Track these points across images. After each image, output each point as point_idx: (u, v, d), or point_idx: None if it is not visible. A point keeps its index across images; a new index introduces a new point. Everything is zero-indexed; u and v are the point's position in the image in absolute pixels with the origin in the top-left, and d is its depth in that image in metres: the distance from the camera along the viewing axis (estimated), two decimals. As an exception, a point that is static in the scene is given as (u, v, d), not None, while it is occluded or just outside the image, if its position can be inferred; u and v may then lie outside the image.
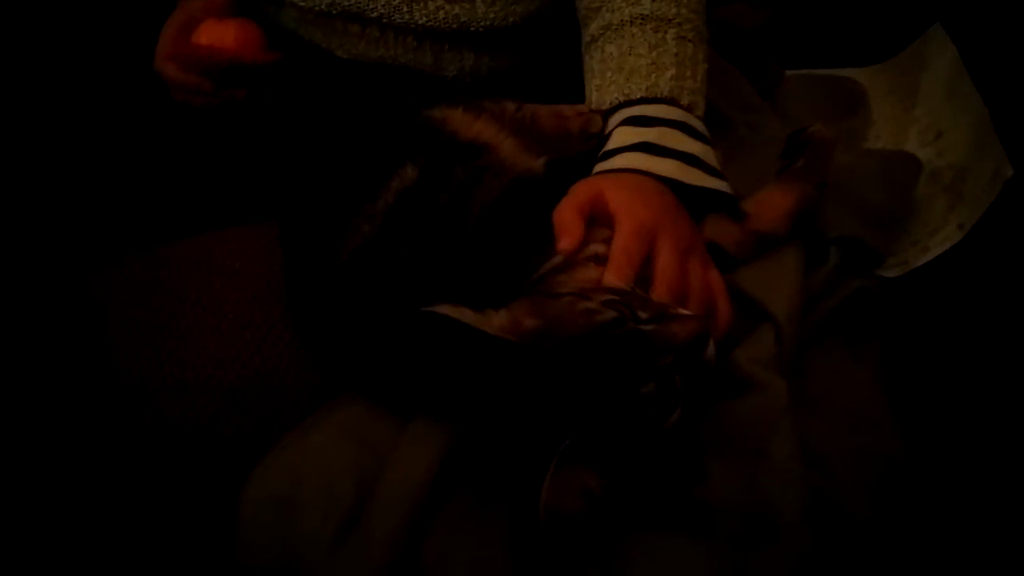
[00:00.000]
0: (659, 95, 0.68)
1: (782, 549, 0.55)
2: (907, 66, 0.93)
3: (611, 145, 0.68)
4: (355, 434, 0.61)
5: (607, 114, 0.71)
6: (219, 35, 0.78)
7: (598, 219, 0.62)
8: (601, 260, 0.60)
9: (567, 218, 0.61)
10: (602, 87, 0.71)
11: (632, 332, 0.53)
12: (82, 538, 0.66)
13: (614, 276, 0.58)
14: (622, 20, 0.71)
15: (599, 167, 0.68)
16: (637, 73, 0.69)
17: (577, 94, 0.75)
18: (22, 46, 0.83)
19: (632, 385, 0.52)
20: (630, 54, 0.70)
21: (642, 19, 0.70)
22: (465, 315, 0.53)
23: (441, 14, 0.76)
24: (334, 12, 0.77)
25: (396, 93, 0.80)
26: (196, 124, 0.80)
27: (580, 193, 0.63)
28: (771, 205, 0.70)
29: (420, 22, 0.76)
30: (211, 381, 0.65)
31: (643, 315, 0.54)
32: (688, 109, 0.69)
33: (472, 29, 0.77)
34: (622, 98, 0.69)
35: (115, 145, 0.80)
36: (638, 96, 0.68)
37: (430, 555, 0.56)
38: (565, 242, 0.60)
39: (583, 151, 0.71)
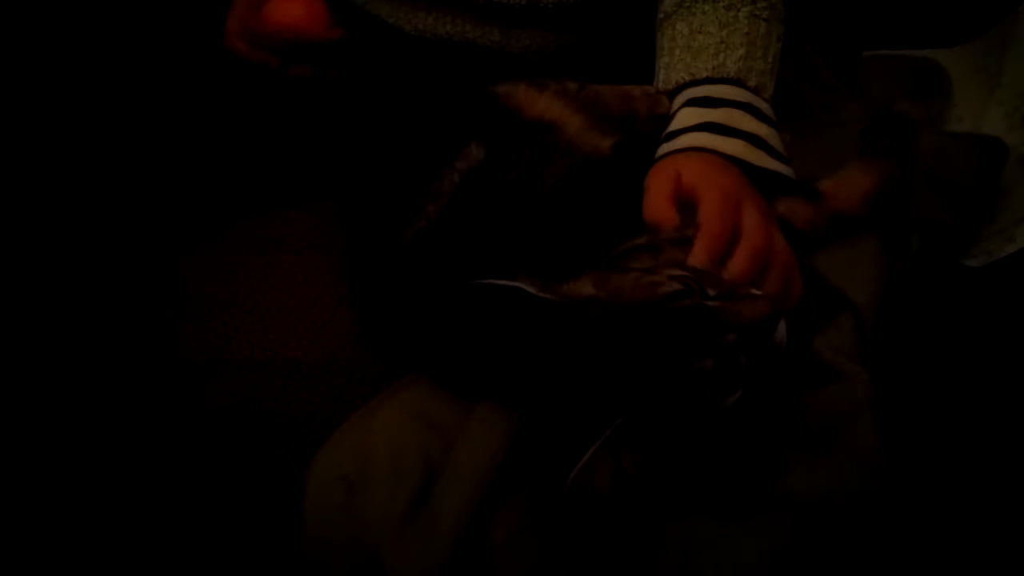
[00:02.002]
0: (726, 75, 0.66)
1: (864, 542, 0.53)
2: (992, 46, 0.89)
3: (675, 126, 0.67)
4: (421, 415, 0.61)
5: (672, 94, 0.69)
6: (286, 12, 0.78)
7: (683, 200, 0.61)
8: (689, 242, 0.58)
9: (658, 206, 0.60)
10: (670, 66, 0.69)
11: (695, 306, 0.52)
12: (148, 511, 0.67)
13: (705, 246, 0.57)
14: None
15: (663, 148, 0.66)
16: (705, 52, 0.67)
17: (642, 74, 0.73)
18: (86, 28, 0.84)
19: (689, 359, 0.51)
20: (700, 32, 0.68)
21: None
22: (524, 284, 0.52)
23: None
24: (402, -12, 0.77)
25: (461, 71, 0.79)
26: (262, 102, 0.80)
27: (660, 181, 0.62)
28: (850, 185, 0.68)
29: None
30: (278, 358, 0.65)
31: (712, 292, 0.53)
32: (755, 91, 0.67)
33: (542, 5, 0.75)
34: (688, 77, 0.68)
35: (181, 123, 0.81)
36: (704, 76, 0.67)
37: (497, 538, 0.55)
38: (665, 228, 0.59)
39: (650, 131, 0.69)
